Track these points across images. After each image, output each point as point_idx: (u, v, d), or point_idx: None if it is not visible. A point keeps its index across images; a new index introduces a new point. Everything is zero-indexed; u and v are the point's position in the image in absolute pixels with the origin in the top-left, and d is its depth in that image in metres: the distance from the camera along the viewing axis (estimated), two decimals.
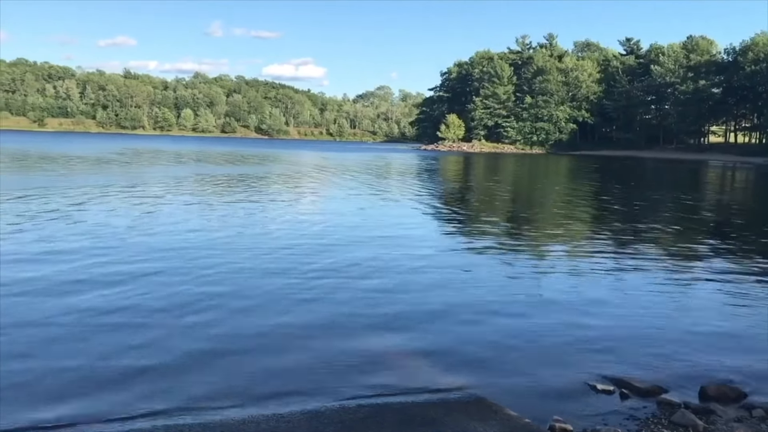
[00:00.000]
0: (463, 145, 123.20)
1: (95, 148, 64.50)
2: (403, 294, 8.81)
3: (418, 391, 5.52)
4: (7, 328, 6.76)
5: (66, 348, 6.29)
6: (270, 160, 52.34)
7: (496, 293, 9.02)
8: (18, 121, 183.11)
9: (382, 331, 7.13)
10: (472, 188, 32.13)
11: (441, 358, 6.35)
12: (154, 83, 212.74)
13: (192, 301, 8.06)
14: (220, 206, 18.60)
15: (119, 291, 8.38)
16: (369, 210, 19.26)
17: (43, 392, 5.30)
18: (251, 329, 7.05)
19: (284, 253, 11.37)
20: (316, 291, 8.76)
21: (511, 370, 6.10)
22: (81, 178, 27.80)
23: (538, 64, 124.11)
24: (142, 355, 6.14)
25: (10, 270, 9.29)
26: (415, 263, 10.92)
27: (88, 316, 7.31)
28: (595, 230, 16.57)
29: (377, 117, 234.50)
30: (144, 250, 11.18)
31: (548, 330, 7.38)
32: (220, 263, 10.33)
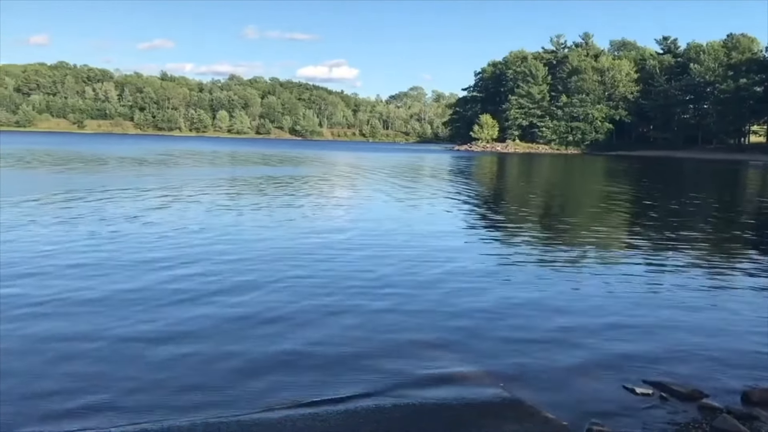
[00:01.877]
0: (496, 146, 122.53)
1: (140, 150, 65.52)
2: (437, 296, 8.77)
3: (453, 393, 5.49)
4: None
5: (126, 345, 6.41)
6: (305, 162, 52.63)
7: (531, 295, 8.94)
8: (58, 123, 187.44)
9: (416, 333, 7.11)
10: (507, 189, 31.92)
11: (476, 360, 6.30)
12: (190, 85, 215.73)
13: (230, 302, 8.15)
14: (261, 208, 18.74)
15: (164, 293, 8.53)
16: (404, 211, 19.23)
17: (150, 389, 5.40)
18: (288, 330, 7.08)
19: (322, 256, 11.43)
20: (352, 292, 8.77)
21: (548, 373, 6.03)
22: (140, 179, 28.32)
23: (573, 63, 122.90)
24: (180, 355, 6.22)
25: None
26: (449, 266, 10.87)
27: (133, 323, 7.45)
28: (632, 232, 16.34)
29: (410, 118, 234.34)
30: (199, 254, 11.37)
31: (585, 332, 7.28)
32: (258, 263, 10.44)
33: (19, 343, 6.37)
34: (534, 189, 32.16)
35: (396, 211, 18.93)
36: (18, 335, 6.60)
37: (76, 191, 21.03)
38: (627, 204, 24.49)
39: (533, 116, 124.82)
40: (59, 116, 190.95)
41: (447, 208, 20.51)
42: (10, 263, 9.78)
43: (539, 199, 26.09)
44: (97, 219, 14.91)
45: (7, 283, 8.60)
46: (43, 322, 7.04)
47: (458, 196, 24.83)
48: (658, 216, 20.40)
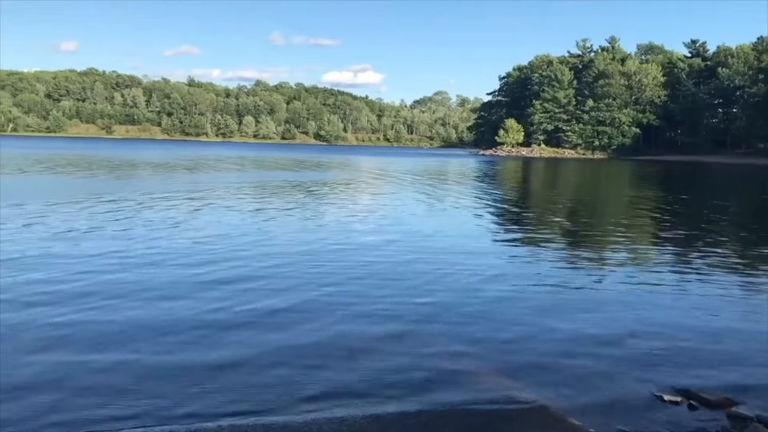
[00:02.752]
0: (522, 150, 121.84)
1: (170, 155, 66.28)
2: (461, 302, 8.76)
3: (479, 399, 5.48)
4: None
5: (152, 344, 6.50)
6: (332, 167, 52.82)
7: (557, 302, 8.89)
8: (87, 128, 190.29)
9: (441, 339, 7.11)
10: (533, 194, 31.74)
11: (502, 366, 6.29)
12: (217, 91, 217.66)
13: (258, 305, 8.22)
14: (294, 213, 18.86)
15: (186, 294, 8.64)
16: (431, 217, 19.24)
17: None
18: (315, 334, 7.12)
19: (350, 261, 11.49)
20: (379, 297, 8.81)
21: (574, 379, 5.98)
22: (175, 184, 28.70)
23: (599, 67, 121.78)
24: (213, 357, 6.29)
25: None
26: (475, 271, 10.85)
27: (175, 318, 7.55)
28: (659, 238, 16.15)
29: (435, 122, 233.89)
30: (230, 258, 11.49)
31: (611, 339, 7.22)
32: (297, 268, 10.53)
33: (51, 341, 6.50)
34: (560, 194, 31.95)
35: (424, 217, 18.91)
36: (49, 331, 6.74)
37: (124, 196, 21.46)
38: (654, 209, 24.20)
39: (559, 120, 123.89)
40: (88, 122, 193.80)
41: (474, 212, 20.45)
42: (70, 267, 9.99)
43: (565, 204, 25.89)
44: (141, 224, 15.17)
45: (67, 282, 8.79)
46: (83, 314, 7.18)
47: (485, 201, 24.75)
48: (686, 221, 20.15)
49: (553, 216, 20.84)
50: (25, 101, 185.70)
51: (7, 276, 9.26)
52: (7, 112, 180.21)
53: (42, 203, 18.40)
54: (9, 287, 8.63)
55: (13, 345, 6.45)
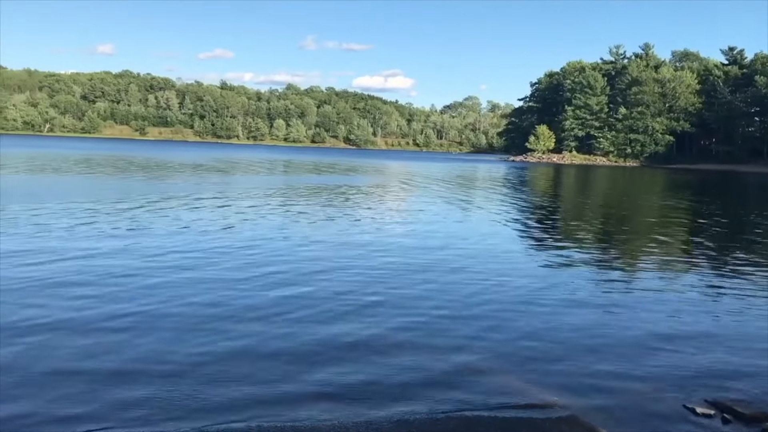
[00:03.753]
0: (552, 157, 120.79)
1: (205, 157, 67.04)
2: (492, 310, 8.73)
3: (508, 406, 5.46)
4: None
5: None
6: (362, 171, 52.92)
7: (589, 312, 8.81)
8: (121, 130, 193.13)
9: (471, 345, 7.09)
10: (565, 202, 31.46)
11: (531, 374, 6.25)
12: (249, 94, 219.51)
13: (288, 308, 8.30)
14: (332, 217, 18.96)
15: (210, 295, 8.74)
16: (464, 223, 19.20)
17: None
18: (343, 337, 7.17)
19: (380, 266, 11.51)
20: (406, 303, 8.83)
21: (605, 389, 5.93)
22: (214, 186, 29.09)
23: (632, 74, 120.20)
24: (241, 359, 6.37)
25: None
26: (505, 279, 10.82)
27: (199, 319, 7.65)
28: (692, 248, 15.90)
29: (464, 127, 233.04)
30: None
31: (643, 350, 7.14)
32: (326, 274, 10.60)
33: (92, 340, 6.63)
34: (592, 201, 31.63)
35: (455, 223, 18.85)
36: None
37: (171, 196, 21.83)
38: (687, 219, 23.85)
39: (591, 127, 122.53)
40: (122, 123, 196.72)
41: (504, 219, 20.34)
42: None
43: (598, 212, 25.63)
44: (193, 226, 15.40)
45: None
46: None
47: (516, 208, 24.62)
48: (719, 231, 19.81)
49: (584, 223, 20.64)
50: (62, 102, 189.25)
51: (95, 271, 9.47)
52: (44, 112, 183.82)
53: (89, 203, 18.82)
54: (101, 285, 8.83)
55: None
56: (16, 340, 6.60)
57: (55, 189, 24.23)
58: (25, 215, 15.83)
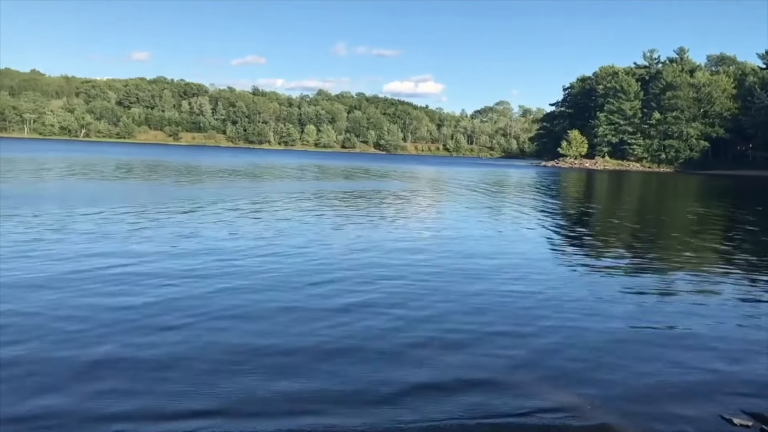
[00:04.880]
0: (585, 162, 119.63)
1: (241, 163, 67.65)
2: (524, 317, 8.66)
3: (539, 413, 5.40)
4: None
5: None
6: (393, 176, 52.90)
7: (621, 320, 8.68)
8: (155, 135, 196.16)
9: (502, 351, 7.04)
10: (600, 208, 31.11)
11: (563, 382, 6.18)
12: (280, 100, 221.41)
13: (323, 312, 8.35)
14: (365, 222, 19.01)
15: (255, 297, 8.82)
16: (496, 231, 19.09)
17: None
18: (370, 341, 7.19)
19: (414, 270, 11.52)
20: (433, 308, 8.80)
21: (639, 398, 5.83)
22: (252, 190, 29.45)
23: (667, 78, 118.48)
24: (269, 361, 6.41)
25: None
26: (535, 286, 10.75)
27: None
28: (728, 257, 15.54)
29: (495, 132, 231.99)
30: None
31: (678, 359, 7.02)
32: (355, 279, 10.65)
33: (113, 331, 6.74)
34: (626, 208, 31.22)
35: (488, 230, 18.61)
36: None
37: (210, 201, 22.24)
38: (724, 227, 23.42)
39: (624, 133, 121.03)
40: (156, 128, 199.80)
41: (536, 226, 20.18)
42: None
43: (632, 220, 25.27)
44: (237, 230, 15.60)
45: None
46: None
47: (548, 215, 24.41)
48: (757, 240, 19.38)
49: (619, 230, 20.38)
50: (98, 108, 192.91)
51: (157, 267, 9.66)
52: (80, 118, 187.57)
53: (143, 208, 19.26)
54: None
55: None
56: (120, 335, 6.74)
57: (107, 194, 24.84)
58: (103, 218, 16.51)
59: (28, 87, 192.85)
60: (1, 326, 7.11)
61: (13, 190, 24.02)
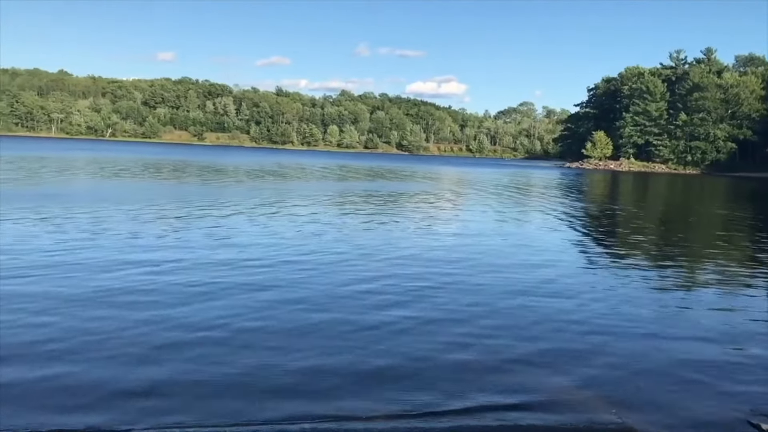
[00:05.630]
0: (610, 164, 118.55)
1: (267, 163, 68.17)
2: (548, 318, 8.63)
3: (563, 417, 5.38)
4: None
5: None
6: (417, 178, 52.87)
7: (646, 323, 8.60)
8: (180, 135, 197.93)
9: (526, 355, 7.00)
10: (626, 210, 30.83)
11: (588, 385, 6.15)
12: (303, 100, 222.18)
13: (353, 312, 8.40)
14: (391, 222, 19.09)
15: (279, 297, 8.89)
16: (520, 234, 19.00)
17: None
18: (400, 345, 7.20)
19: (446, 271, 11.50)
20: (466, 312, 8.80)
21: (663, 402, 5.78)
22: (281, 190, 29.67)
23: (694, 80, 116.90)
24: (302, 360, 6.47)
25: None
26: (559, 286, 10.69)
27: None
28: (755, 261, 15.33)
29: (519, 133, 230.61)
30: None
31: (703, 363, 6.94)
32: (391, 279, 10.74)
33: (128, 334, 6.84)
34: (652, 210, 30.89)
35: (522, 237, 18.26)
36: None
37: (242, 201, 22.50)
38: (752, 231, 23.08)
39: (650, 134, 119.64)
40: (181, 128, 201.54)
41: (559, 227, 20.07)
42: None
43: (658, 221, 25.03)
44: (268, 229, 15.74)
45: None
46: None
47: (580, 220, 24.23)
48: None
49: (647, 233, 20.19)
50: (124, 108, 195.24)
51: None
52: (106, 118, 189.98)
53: (180, 207, 19.63)
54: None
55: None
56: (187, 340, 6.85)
57: (143, 193, 25.33)
58: (145, 218, 16.86)
59: (56, 87, 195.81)
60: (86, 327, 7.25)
61: (56, 189, 24.44)
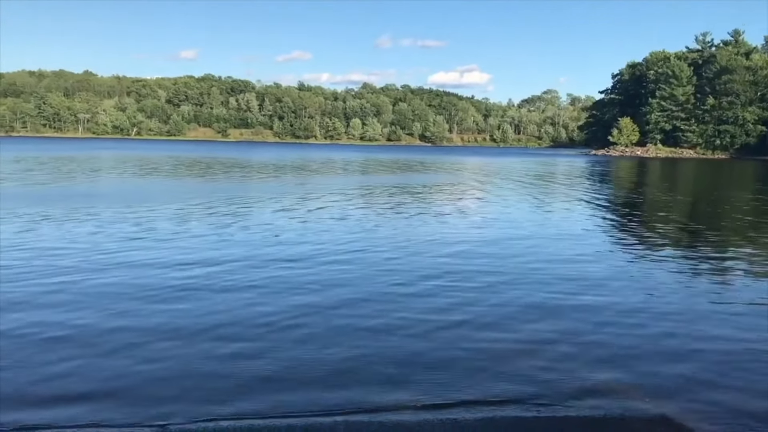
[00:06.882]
0: (636, 150, 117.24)
1: (294, 157, 68.53)
2: (581, 307, 8.54)
3: (597, 406, 5.31)
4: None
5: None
6: (444, 168, 52.74)
7: (681, 310, 8.48)
8: (204, 132, 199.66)
9: (559, 344, 6.94)
10: (658, 197, 30.45)
11: (622, 373, 6.07)
12: (326, 94, 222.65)
13: (385, 306, 8.40)
14: (422, 215, 19.03)
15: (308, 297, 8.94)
16: (550, 224, 18.84)
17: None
18: (437, 332, 7.18)
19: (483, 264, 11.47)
20: (498, 300, 8.75)
21: (697, 391, 5.68)
22: (315, 185, 29.83)
23: (721, 62, 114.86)
24: (345, 353, 6.48)
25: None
26: (592, 276, 10.59)
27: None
28: None
29: (543, 122, 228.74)
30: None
31: (740, 350, 6.82)
32: (418, 271, 10.69)
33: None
34: (686, 196, 30.44)
35: (555, 228, 17.82)
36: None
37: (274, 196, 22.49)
38: None
39: (677, 119, 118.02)
40: (205, 125, 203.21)
41: (590, 216, 19.87)
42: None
43: (693, 208, 24.67)
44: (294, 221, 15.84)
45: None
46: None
47: (605, 206, 23.99)
48: None
49: (680, 220, 19.90)
50: (148, 107, 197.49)
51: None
52: (132, 116, 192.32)
53: (228, 204, 19.72)
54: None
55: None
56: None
57: (190, 191, 25.66)
58: (197, 214, 17.14)
59: (82, 88, 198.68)
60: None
61: (97, 189, 24.79)
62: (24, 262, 10.43)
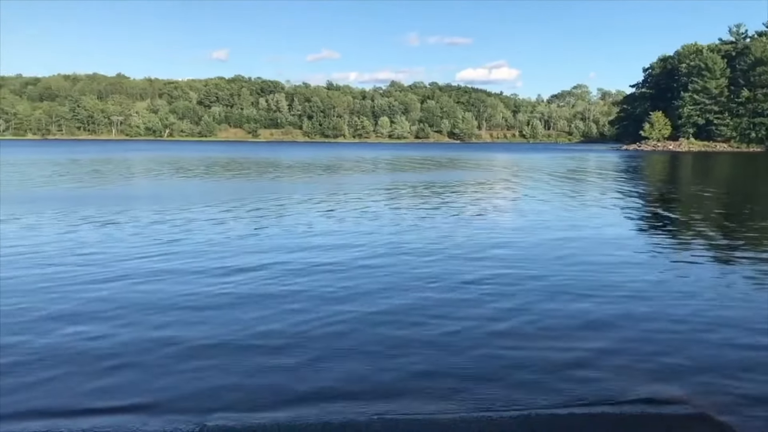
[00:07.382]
0: (668, 144, 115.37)
1: (326, 157, 68.62)
2: (620, 307, 8.51)
3: (634, 401, 5.31)
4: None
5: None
6: (477, 165, 52.47)
7: (718, 309, 8.39)
8: (235, 133, 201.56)
9: (595, 342, 6.92)
10: (696, 194, 30.01)
11: (660, 372, 6.03)
12: (354, 93, 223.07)
13: (418, 303, 8.47)
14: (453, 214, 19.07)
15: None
16: (599, 232, 18.73)
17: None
18: (471, 332, 7.22)
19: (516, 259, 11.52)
20: (525, 296, 8.78)
21: (741, 388, 5.63)
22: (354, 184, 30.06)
23: (756, 54, 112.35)
24: (366, 351, 6.58)
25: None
26: (630, 273, 10.53)
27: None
28: None
29: (573, 117, 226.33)
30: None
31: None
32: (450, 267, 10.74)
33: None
34: (727, 193, 29.95)
35: (582, 226, 18.05)
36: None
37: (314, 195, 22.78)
38: None
39: (710, 113, 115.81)
40: (236, 126, 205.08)
41: (629, 217, 19.64)
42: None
43: (735, 206, 24.26)
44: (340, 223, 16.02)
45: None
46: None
47: (642, 204, 23.74)
48: None
49: (717, 217, 19.63)
50: (180, 108, 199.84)
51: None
52: (164, 118, 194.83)
53: (256, 204, 19.96)
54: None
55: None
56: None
57: (232, 191, 26.02)
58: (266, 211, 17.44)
59: (114, 90, 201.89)
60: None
61: (138, 191, 25.23)
62: (72, 268, 10.65)
